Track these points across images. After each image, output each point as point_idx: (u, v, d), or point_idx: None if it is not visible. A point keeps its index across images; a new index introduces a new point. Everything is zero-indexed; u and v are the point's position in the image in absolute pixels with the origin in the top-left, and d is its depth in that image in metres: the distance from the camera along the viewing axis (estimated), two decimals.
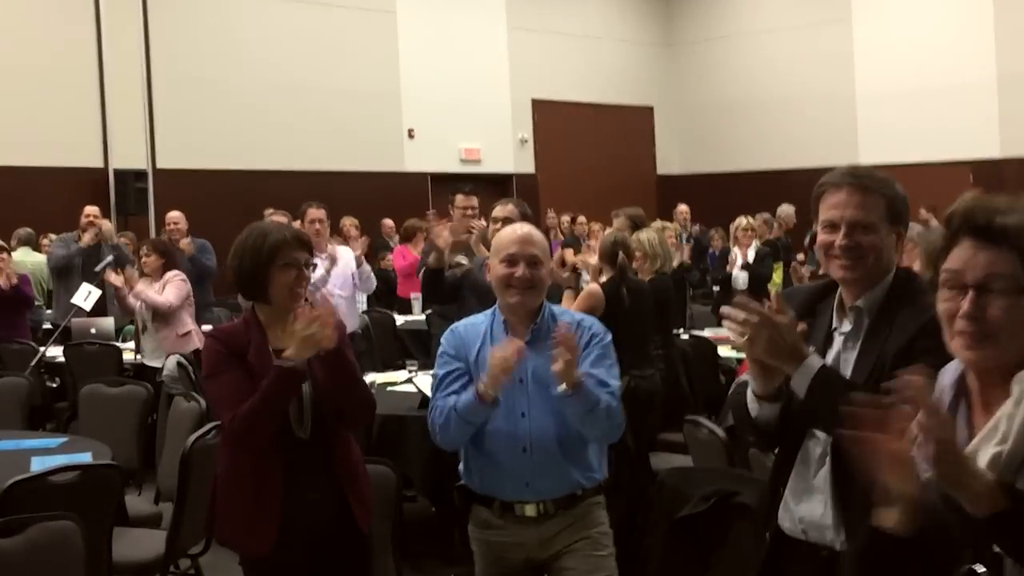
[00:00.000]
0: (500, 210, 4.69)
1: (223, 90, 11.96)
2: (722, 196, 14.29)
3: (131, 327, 7.46)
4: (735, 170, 15.77)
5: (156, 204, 11.13)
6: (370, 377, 5.49)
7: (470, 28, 14.24)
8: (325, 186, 12.00)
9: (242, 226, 10.44)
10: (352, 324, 6.20)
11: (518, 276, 2.84)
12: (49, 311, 8.19)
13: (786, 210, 11.47)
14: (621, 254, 5.31)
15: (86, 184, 10.79)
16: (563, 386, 2.66)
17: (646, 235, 5.82)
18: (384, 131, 13.33)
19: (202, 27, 11.94)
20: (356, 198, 11.93)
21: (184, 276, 6.40)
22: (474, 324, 2.99)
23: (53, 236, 9.28)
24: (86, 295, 6.01)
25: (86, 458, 3.83)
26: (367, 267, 6.44)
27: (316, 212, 6.20)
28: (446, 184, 13.84)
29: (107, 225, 7.76)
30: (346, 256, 6.34)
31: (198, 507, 3.60)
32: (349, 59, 12.99)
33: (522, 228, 3.01)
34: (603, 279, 5.31)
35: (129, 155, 11.29)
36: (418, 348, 7.68)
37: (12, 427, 4.93)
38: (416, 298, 8.67)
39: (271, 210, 11.06)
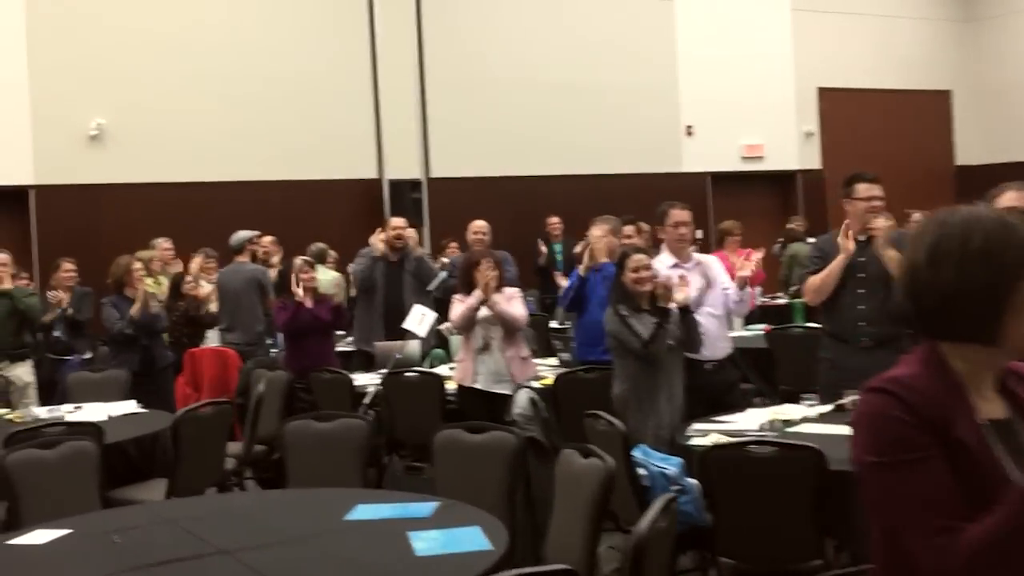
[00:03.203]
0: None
1: (495, 94, 11.35)
2: None
3: (438, 351, 6.71)
4: None
5: (431, 214, 10.69)
6: (763, 413, 4.41)
7: (752, 11, 12.96)
8: (599, 190, 11.27)
9: (518, 234, 9.39)
10: (723, 349, 5.10)
11: None
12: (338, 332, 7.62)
13: None
14: None
15: (361, 195, 10.49)
16: None
17: None
18: (661, 129, 12.29)
19: (474, 31, 11.40)
20: (632, 202, 10.97)
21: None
22: None
23: (332, 253, 8.80)
24: (420, 319, 5.17)
25: (477, 536, 3.00)
26: (750, 289, 5.21)
27: (681, 214, 5.11)
28: (726, 184, 12.64)
29: (414, 236, 7.02)
30: (716, 266, 5.22)
31: None
32: (625, 52, 12.05)
33: None
34: None
35: (403, 165, 10.86)
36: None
37: (349, 481, 4.17)
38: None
39: (553, 219, 10.35)
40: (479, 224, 7.47)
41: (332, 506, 3.42)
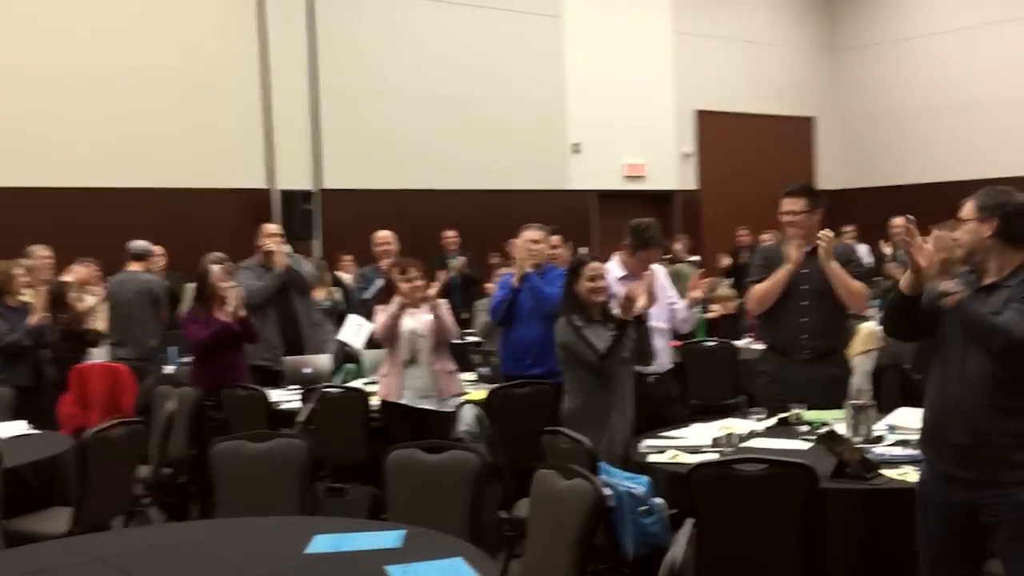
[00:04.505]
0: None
1: (388, 106, 11.09)
2: (888, 211, 13.02)
3: (350, 366, 6.43)
4: (903, 183, 14.47)
5: (324, 226, 10.37)
6: (712, 427, 4.34)
7: (636, 32, 13.17)
8: (491, 205, 11.26)
9: (414, 248, 9.38)
10: (666, 360, 5.06)
11: None
12: None
13: None
14: None
15: (250, 206, 10.04)
16: None
17: None
18: (550, 146, 12.32)
19: (368, 40, 11.10)
20: (523, 218, 10.95)
21: None
22: None
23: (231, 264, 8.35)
24: (357, 329, 4.89)
25: (463, 568, 2.75)
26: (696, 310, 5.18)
27: (656, 252, 5.12)
28: (610, 202, 12.77)
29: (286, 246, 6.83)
30: (662, 279, 5.16)
31: None
32: (515, 70, 12.04)
33: None
34: None
35: (295, 175, 10.48)
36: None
37: (286, 507, 3.85)
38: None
39: (449, 232, 10.17)
40: (384, 234, 7.21)
41: (286, 538, 3.11)
